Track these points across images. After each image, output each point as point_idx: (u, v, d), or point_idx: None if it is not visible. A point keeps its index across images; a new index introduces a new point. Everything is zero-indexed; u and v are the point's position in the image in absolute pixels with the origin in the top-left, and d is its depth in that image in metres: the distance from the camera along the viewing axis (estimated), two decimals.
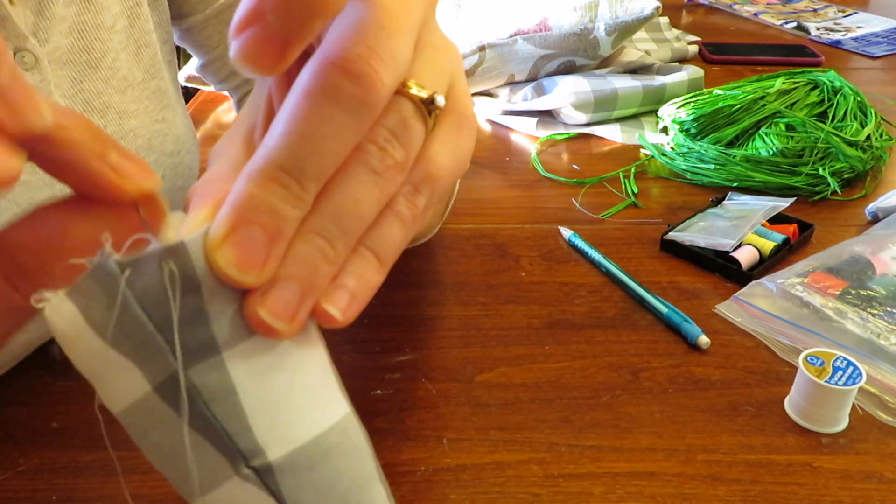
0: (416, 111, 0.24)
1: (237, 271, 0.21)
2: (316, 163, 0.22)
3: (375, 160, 0.23)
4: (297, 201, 0.22)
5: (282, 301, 0.22)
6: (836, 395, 0.43)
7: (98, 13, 0.47)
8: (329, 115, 0.22)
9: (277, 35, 0.20)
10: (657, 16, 0.88)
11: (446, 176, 0.26)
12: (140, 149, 0.50)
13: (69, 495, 0.40)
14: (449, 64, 0.26)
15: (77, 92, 0.46)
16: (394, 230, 0.25)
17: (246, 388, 0.22)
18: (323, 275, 0.23)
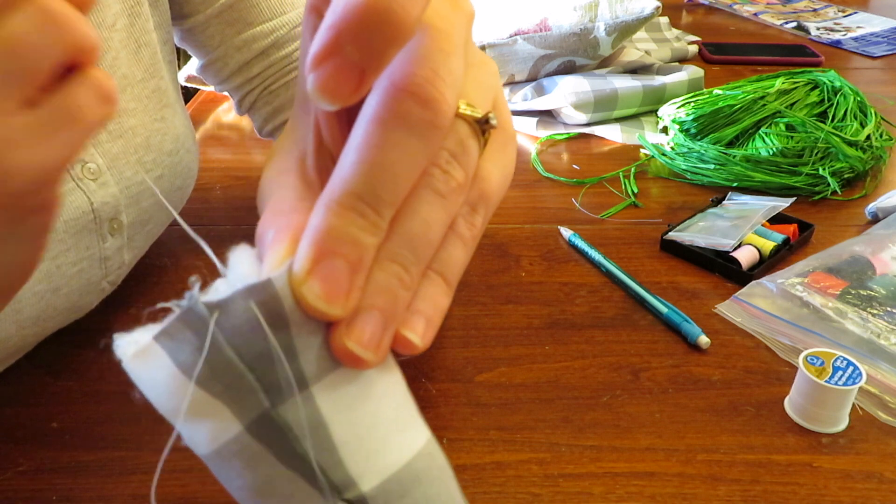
0: (471, 131, 0.24)
1: (325, 304, 0.21)
2: (390, 189, 0.22)
3: (440, 183, 0.23)
4: (374, 229, 0.22)
5: (367, 331, 0.22)
6: (836, 395, 0.43)
7: (99, 11, 0.47)
8: (400, 140, 0.22)
9: (356, 67, 0.21)
10: (657, 16, 0.88)
11: (498, 193, 0.26)
12: (139, 147, 0.50)
13: (69, 495, 0.40)
14: (492, 81, 0.27)
15: None
16: (457, 251, 0.25)
17: (335, 420, 0.22)
18: (402, 302, 0.23)
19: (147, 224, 0.52)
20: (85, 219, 0.46)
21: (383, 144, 0.22)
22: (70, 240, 0.45)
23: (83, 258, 0.47)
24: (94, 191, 0.46)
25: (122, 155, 0.48)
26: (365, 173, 0.22)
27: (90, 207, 0.46)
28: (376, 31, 0.20)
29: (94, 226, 0.47)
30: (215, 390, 0.21)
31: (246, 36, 0.58)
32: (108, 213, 0.47)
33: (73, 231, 0.45)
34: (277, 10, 0.57)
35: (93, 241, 0.47)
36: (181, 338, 0.21)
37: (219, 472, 0.23)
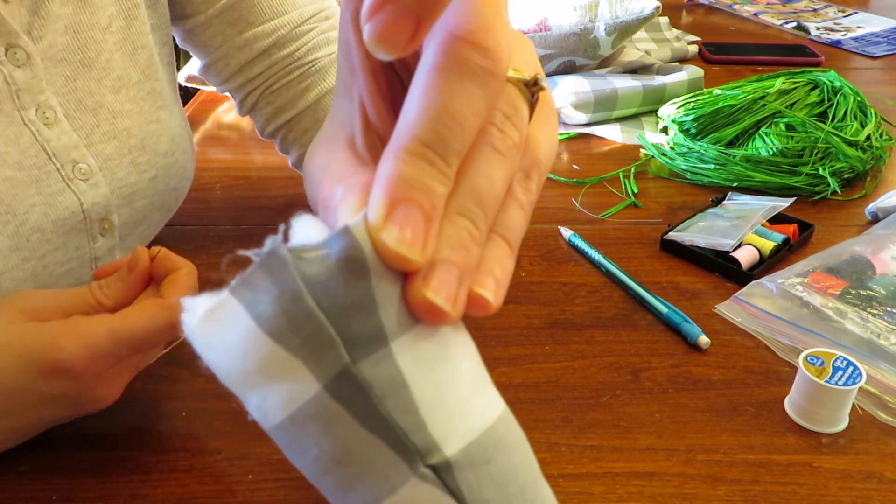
0: (521, 94, 0.24)
1: (407, 249, 0.21)
2: (457, 136, 0.22)
3: (498, 141, 0.23)
4: (443, 178, 0.22)
5: (445, 284, 0.22)
6: (836, 395, 0.43)
7: (93, 13, 0.47)
8: (463, 87, 0.22)
9: (411, 15, 0.21)
10: (657, 16, 0.88)
11: (547, 161, 0.26)
12: (133, 148, 0.50)
13: (69, 495, 0.40)
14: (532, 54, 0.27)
15: (70, 90, 0.46)
16: (517, 215, 0.25)
17: (416, 379, 0.21)
18: (473, 256, 0.23)
19: (140, 225, 0.52)
20: (74, 219, 0.46)
21: (447, 91, 0.22)
22: (58, 240, 0.45)
23: (72, 258, 0.47)
24: (85, 191, 0.46)
25: (115, 156, 0.48)
26: (431, 120, 0.22)
27: (80, 208, 0.46)
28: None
29: (84, 226, 0.47)
30: (293, 345, 0.20)
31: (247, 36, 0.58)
32: (99, 213, 0.47)
33: (61, 231, 0.45)
34: (279, 9, 0.57)
35: (83, 242, 0.47)
36: (261, 287, 0.20)
37: (291, 443, 0.21)
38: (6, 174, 0.42)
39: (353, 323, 0.20)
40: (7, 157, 0.42)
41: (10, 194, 0.43)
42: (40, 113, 0.44)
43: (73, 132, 0.46)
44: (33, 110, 0.44)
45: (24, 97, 0.43)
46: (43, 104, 0.44)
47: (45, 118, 0.44)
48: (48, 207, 0.44)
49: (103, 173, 0.47)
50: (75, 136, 0.46)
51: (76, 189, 0.45)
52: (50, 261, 0.45)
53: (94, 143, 0.47)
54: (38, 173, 0.44)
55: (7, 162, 0.42)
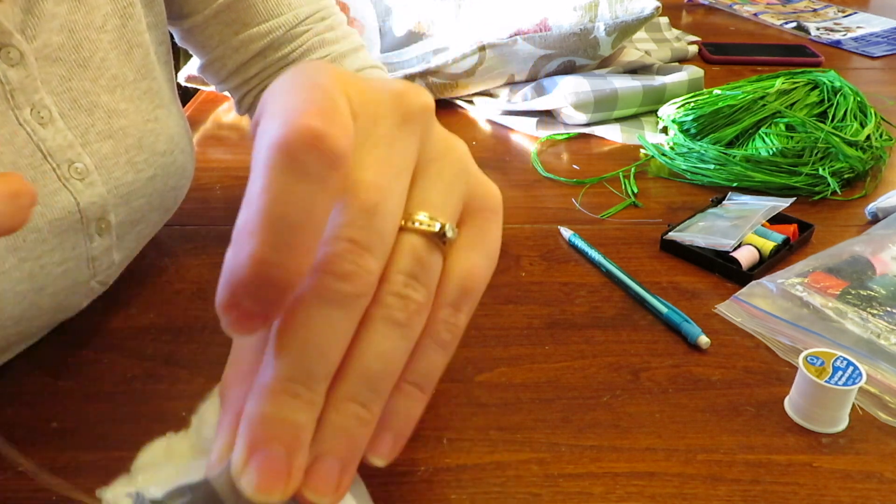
0: (428, 243, 0.24)
1: (262, 494, 0.22)
2: (322, 363, 0.22)
3: (398, 311, 0.23)
4: (309, 406, 0.22)
5: (324, 478, 0.23)
6: (836, 395, 0.43)
7: (88, 12, 0.47)
8: (324, 315, 0.22)
9: (257, 314, 0.21)
10: (657, 16, 0.88)
11: (483, 279, 0.26)
12: (130, 147, 0.50)
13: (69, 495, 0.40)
14: (458, 167, 0.27)
15: (65, 90, 0.46)
16: (435, 357, 0.25)
17: None
18: (361, 439, 0.23)
19: (138, 224, 0.52)
20: (70, 218, 0.46)
21: (307, 323, 0.22)
22: (54, 240, 0.45)
23: (69, 258, 0.47)
24: (81, 191, 0.46)
25: (111, 155, 0.48)
26: (292, 355, 0.22)
27: (76, 207, 0.46)
28: (265, 291, 0.21)
29: (81, 226, 0.47)
30: None
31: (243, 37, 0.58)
32: (96, 212, 0.47)
33: (57, 231, 0.45)
34: (274, 11, 0.57)
35: (79, 241, 0.47)
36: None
37: None
38: None
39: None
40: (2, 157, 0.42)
41: None
42: (35, 112, 0.44)
43: (68, 131, 0.46)
44: (28, 110, 0.44)
45: (18, 97, 0.43)
46: (38, 104, 0.44)
47: (39, 118, 0.44)
48: (44, 207, 0.44)
49: (99, 172, 0.47)
50: (70, 136, 0.46)
51: (72, 188, 0.45)
52: (47, 261, 0.45)
53: (89, 142, 0.47)
54: (34, 173, 0.44)
55: (2, 162, 0.42)
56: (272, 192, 0.21)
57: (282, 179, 0.21)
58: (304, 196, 0.21)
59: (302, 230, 0.21)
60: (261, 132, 0.22)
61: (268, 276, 0.21)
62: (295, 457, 0.22)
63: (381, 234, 0.23)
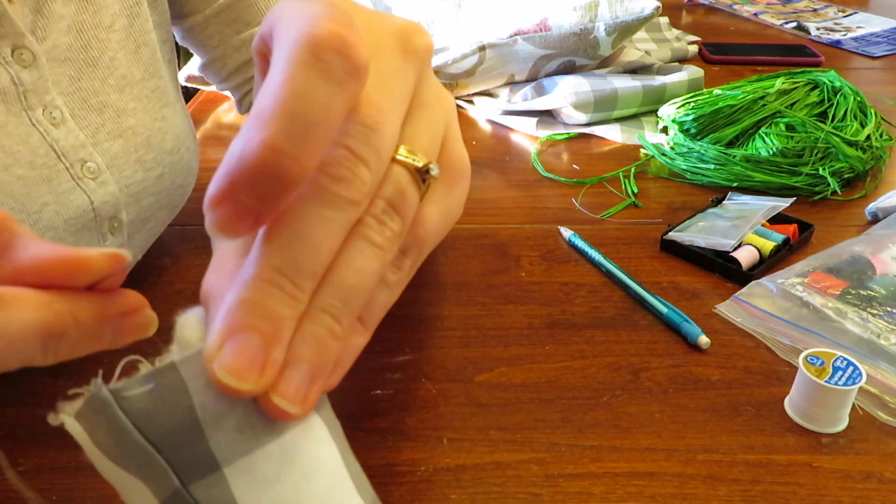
0: (412, 179, 0.24)
1: (234, 380, 0.21)
2: (310, 259, 0.22)
3: (376, 234, 0.23)
4: (293, 301, 0.22)
5: (294, 385, 0.22)
6: (836, 395, 0.43)
7: (96, 12, 0.47)
8: (317, 213, 0.22)
9: (251, 211, 0.21)
10: (657, 16, 0.88)
11: (436, 235, 0.26)
12: (139, 146, 0.50)
13: (69, 495, 0.40)
14: (443, 118, 0.27)
15: (75, 90, 0.46)
16: (381, 295, 0.25)
17: (249, 501, 0.22)
18: (332, 352, 0.23)
19: (147, 223, 0.52)
20: (85, 217, 0.46)
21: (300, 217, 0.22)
22: (70, 238, 0.46)
23: None
24: (94, 189, 0.46)
25: (121, 154, 0.48)
26: (283, 246, 0.22)
27: (90, 206, 0.46)
28: (269, 183, 0.21)
29: (95, 224, 0.47)
30: (131, 468, 0.22)
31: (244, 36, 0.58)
32: (108, 211, 0.48)
33: (73, 229, 0.46)
34: None
35: (93, 240, 0.47)
36: (93, 421, 0.22)
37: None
38: (19, 173, 0.43)
39: (181, 451, 0.22)
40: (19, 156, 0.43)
41: (23, 193, 0.43)
42: (47, 113, 0.44)
43: (79, 131, 0.46)
44: (40, 110, 0.44)
45: (30, 98, 0.43)
46: (49, 104, 0.44)
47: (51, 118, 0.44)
48: (60, 206, 0.45)
49: (111, 171, 0.48)
50: (82, 136, 0.46)
51: (86, 187, 0.46)
52: None
53: (100, 141, 0.47)
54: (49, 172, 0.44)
55: (19, 161, 0.43)
56: (294, 86, 0.21)
57: (305, 75, 0.21)
58: (325, 95, 0.21)
59: (316, 128, 0.21)
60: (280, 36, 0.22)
61: (277, 165, 0.20)
62: (272, 350, 0.22)
63: (378, 152, 0.23)
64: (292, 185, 0.21)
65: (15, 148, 0.43)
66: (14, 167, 0.42)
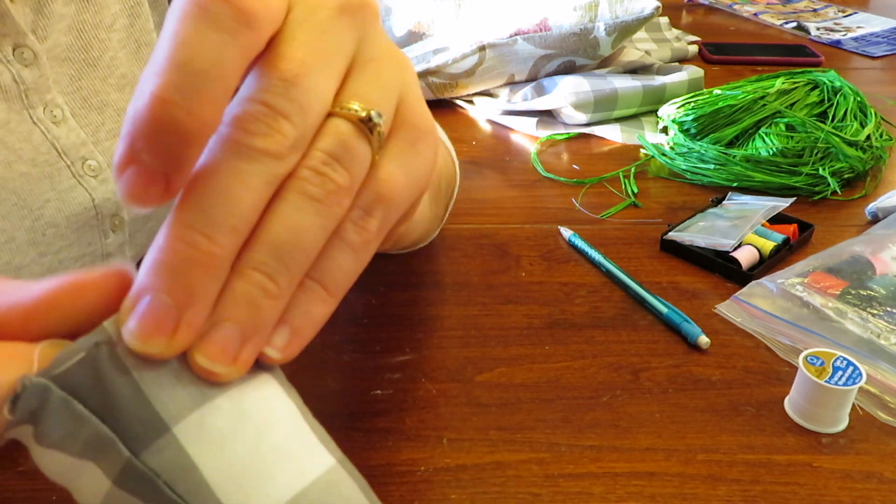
0: (356, 130, 0.23)
1: (138, 342, 0.20)
2: (225, 214, 0.21)
3: (313, 186, 0.22)
4: (207, 258, 0.21)
5: (219, 344, 0.21)
6: (836, 395, 0.43)
7: (97, 12, 0.47)
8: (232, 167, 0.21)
9: (157, 173, 0.20)
10: (657, 16, 0.88)
11: (401, 194, 0.25)
12: None
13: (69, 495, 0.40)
14: (396, 74, 0.26)
15: (75, 89, 0.46)
16: (344, 258, 0.24)
17: (206, 459, 0.21)
18: (266, 311, 0.22)
19: (149, 221, 0.52)
20: (87, 215, 0.46)
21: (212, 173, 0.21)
22: (72, 235, 0.46)
23: (85, 254, 0.47)
24: (95, 187, 0.47)
25: None
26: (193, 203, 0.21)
27: (92, 203, 0.46)
28: (165, 137, 0.20)
29: (96, 222, 0.47)
30: (76, 449, 0.21)
31: None
32: (110, 209, 0.48)
33: (74, 227, 0.46)
34: None
35: (95, 237, 0.47)
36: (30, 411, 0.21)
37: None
38: (21, 170, 0.43)
39: (125, 417, 0.21)
40: (21, 153, 0.43)
41: (25, 189, 0.43)
42: (48, 111, 0.44)
43: (80, 130, 0.46)
44: (41, 109, 0.44)
45: (32, 96, 0.44)
46: (50, 103, 0.45)
47: (52, 117, 0.45)
48: (61, 203, 0.45)
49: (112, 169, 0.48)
50: (83, 134, 0.46)
51: (87, 185, 0.46)
52: (65, 256, 0.46)
53: (100, 140, 0.47)
54: (51, 170, 0.44)
55: (21, 158, 0.43)
56: (180, 37, 0.20)
57: (191, 26, 0.20)
58: (213, 44, 0.20)
59: (208, 77, 0.20)
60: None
61: (171, 117, 0.20)
62: (184, 310, 0.21)
63: (301, 105, 0.22)
64: (190, 139, 0.20)
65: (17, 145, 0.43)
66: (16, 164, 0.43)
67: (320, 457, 0.23)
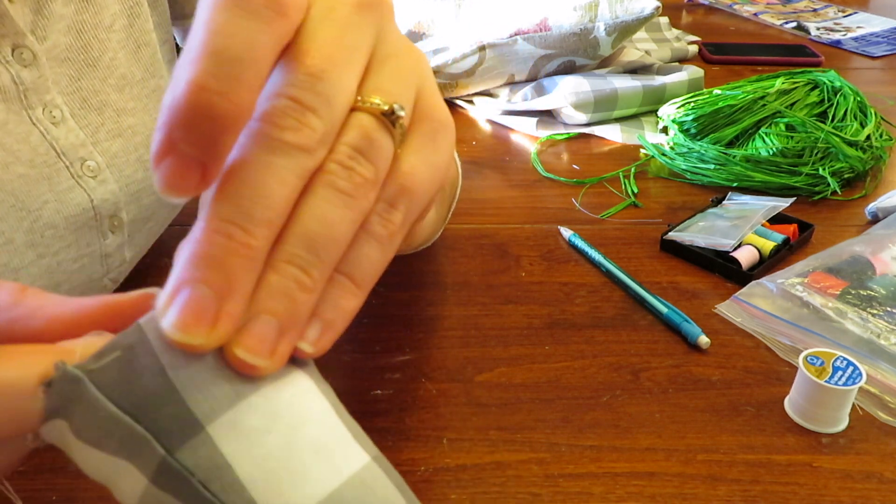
0: (379, 124, 0.24)
1: (180, 333, 0.20)
2: (259, 206, 0.21)
3: (341, 180, 0.23)
4: (244, 249, 0.21)
5: (257, 336, 0.21)
6: (836, 395, 0.43)
7: (97, 13, 0.47)
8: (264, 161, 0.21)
9: (194, 161, 0.21)
10: (657, 16, 0.88)
11: (423, 187, 0.25)
12: (139, 145, 0.50)
13: (69, 495, 0.40)
14: (414, 69, 0.26)
15: (75, 90, 0.46)
16: (370, 251, 0.24)
17: (239, 458, 0.21)
18: (301, 304, 0.22)
19: (148, 222, 0.52)
20: (85, 215, 0.46)
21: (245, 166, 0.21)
22: (70, 236, 0.46)
23: (84, 255, 0.47)
24: (94, 188, 0.46)
25: (121, 153, 0.49)
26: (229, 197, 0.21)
27: (90, 204, 0.46)
28: (202, 124, 0.20)
29: (95, 223, 0.47)
30: (112, 448, 0.21)
31: None
32: (109, 210, 0.48)
33: (73, 227, 0.46)
34: None
35: (93, 238, 0.47)
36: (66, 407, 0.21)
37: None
38: (19, 171, 0.43)
39: (159, 416, 0.21)
40: (20, 154, 0.43)
41: (23, 191, 0.43)
42: (47, 112, 0.44)
43: (79, 130, 0.46)
44: (40, 109, 0.44)
45: (31, 97, 0.44)
46: (49, 103, 0.45)
47: (52, 117, 0.45)
48: (60, 204, 0.45)
49: (111, 170, 0.48)
50: (82, 135, 0.46)
51: (86, 186, 0.46)
52: (64, 257, 0.46)
53: (99, 140, 0.47)
54: (49, 171, 0.44)
55: (20, 159, 0.43)
56: (215, 24, 0.20)
57: (225, 14, 0.21)
58: (247, 31, 0.21)
59: (243, 63, 0.20)
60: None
61: (207, 104, 0.20)
62: (224, 301, 0.21)
63: (327, 99, 0.22)
64: (228, 126, 0.20)
65: (15, 146, 0.43)
66: (14, 165, 0.43)
67: (355, 454, 0.23)
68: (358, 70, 0.24)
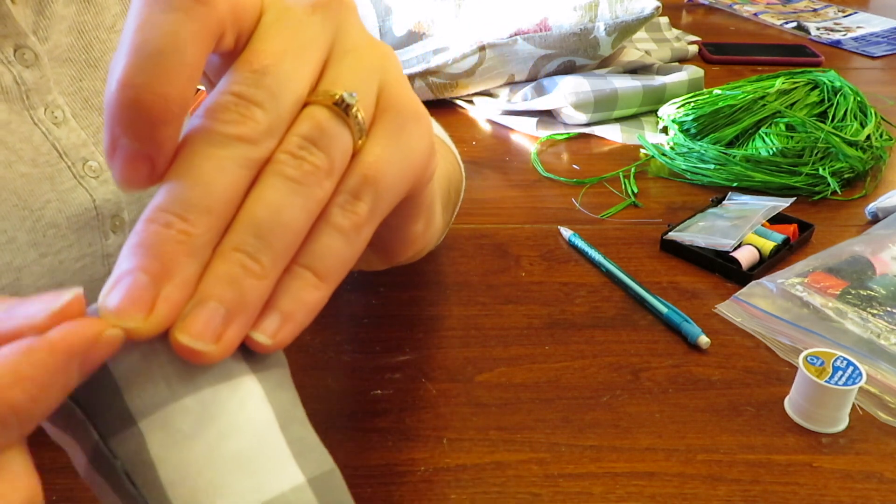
0: (331, 114, 0.23)
1: (118, 319, 0.20)
2: (200, 194, 0.21)
3: (290, 168, 0.23)
4: (183, 237, 0.21)
5: (201, 321, 0.21)
6: (836, 395, 0.43)
7: (98, 13, 0.47)
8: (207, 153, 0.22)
9: (140, 154, 0.21)
10: (657, 16, 0.88)
11: (389, 178, 0.25)
12: None
13: (69, 495, 0.40)
14: (375, 62, 0.26)
15: (76, 90, 0.46)
16: (333, 242, 0.24)
17: (164, 459, 0.21)
18: (251, 290, 0.22)
19: None
20: (87, 215, 0.46)
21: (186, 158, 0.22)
22: (73, 236, 0.46)
23: (86, 254, 0.47)
24: (96, 188, 0.47)
25: None
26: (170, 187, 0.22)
27: (92, 204, 0.46)
28: (137, 119, 0.21)
29: (97, 223, 0.47)
30: (61, 424, 0.22)
31: None
32: (110, 210, 0.48)
33: (75, 227, 0.46)
34: None
35: (95, 238, 0.47)
36: None
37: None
38: (22, 170, 0.43)
39: (97, 405, 0.21)
40: (22, 153, 0.43)
41: (26, 190, 0.43)
42: (49, 112, 0.45)
43: (81, 131, 0.46)
44: (42, 110, 0.44)
45: (33, 97, 0.44)
46: (51, 104, 0.45)
47: (53, 117, 0.45)
48: (62, 204, 0.45)
49: None
50: (83, 135, 0.46)
51: (87, 186, 0.46)
52: (66, 256, 0.46)
53: (101, 141, 0.47)
54: (51, 170, 0.44)
55: (22, 158, 0.43)
56: (137, 21, 0.21)
57: (146, 9, 0.21)
58: (169, 23, 0.21)
59: (167, 55, 0.21)
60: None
61: (136, 99, 0.20)
62: (160, 285, 0.21)
63: (272, 93, 0.23)
64: (160, 118, 0.21)
65: (17, 146, 0.43)
66: (17, 165, 0.43)
67: (288, 473, 0.22)
68: (310, 65, 0.24)
